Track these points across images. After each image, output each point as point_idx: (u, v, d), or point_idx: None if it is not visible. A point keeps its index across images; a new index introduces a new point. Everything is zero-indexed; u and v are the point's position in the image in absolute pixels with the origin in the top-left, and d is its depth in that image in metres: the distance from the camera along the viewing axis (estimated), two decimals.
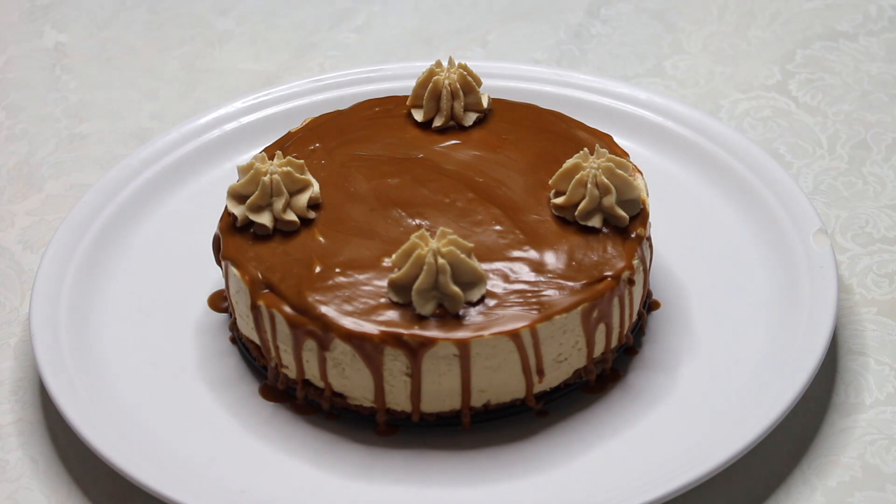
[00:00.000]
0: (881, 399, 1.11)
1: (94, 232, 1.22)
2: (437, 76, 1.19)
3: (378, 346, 1.04)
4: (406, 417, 1.08)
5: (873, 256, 1.23)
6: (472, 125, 1.19)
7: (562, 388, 1.10)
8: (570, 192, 1.11)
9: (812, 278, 1.15)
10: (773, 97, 1.39)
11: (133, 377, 1.12)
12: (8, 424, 1.12)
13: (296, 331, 1.06)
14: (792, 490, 1.05)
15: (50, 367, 1.10)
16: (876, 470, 1.06)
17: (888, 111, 1.37)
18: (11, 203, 1.30)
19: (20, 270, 1.24)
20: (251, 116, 1.32)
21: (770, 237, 1.20)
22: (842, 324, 1.16)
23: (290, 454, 1.07)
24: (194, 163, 1.28)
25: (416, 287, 1.04)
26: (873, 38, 1.46)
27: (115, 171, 1.26)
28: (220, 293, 1.18)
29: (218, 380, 1.12)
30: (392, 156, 1.17)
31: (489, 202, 1.12)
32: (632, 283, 1.09)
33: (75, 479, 1.08)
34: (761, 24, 1.48)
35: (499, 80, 1.30)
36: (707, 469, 1.02)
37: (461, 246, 1.05)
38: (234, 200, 1.12)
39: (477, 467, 1.06)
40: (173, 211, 1.25)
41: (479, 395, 1.07)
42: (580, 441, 1.07)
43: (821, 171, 1.31)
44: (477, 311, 1.05)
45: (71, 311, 1.15)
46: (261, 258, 1.09)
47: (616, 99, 1.32)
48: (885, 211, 1.26)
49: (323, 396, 1.09)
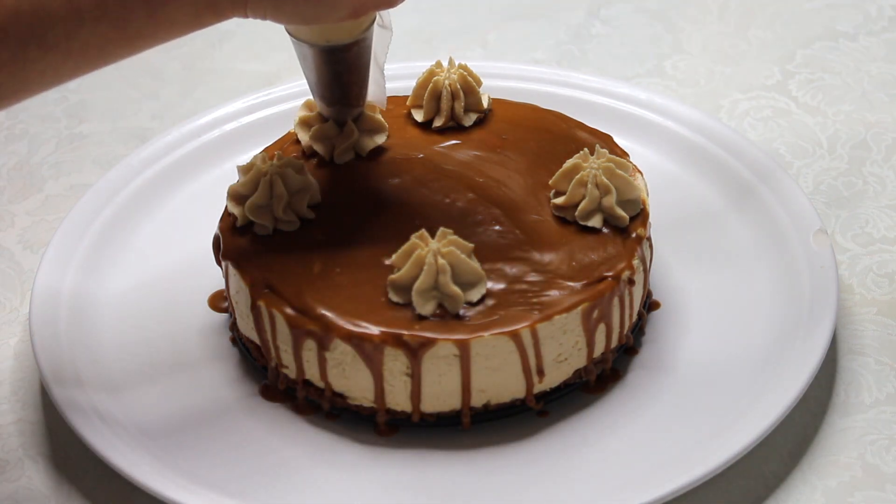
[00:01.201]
0: (881, 399, 1.11)
1: (94, 232, 1.22)
2: (437, 76, 1.19)
3: (378, 346, 1.04)
4: (406, 417, 1.08)
5: (873, 256, 1.23)
6: (472, 125, 1.20)
7: (562, 388, 1.09)
8: (570, 192, 1.11)
9: (812, 278, 1.15)
10: (773, 97, 1.39)
11: (133, 377, 1.12)
12: (8, 424, 1.12)
13: (296, 331, 1.06)
14: (792, 490, 1.05)
15: (50, 367, 1.10)
16: (876, 470, 1.06)
17: (888, 111, 1.37)
18: (11, 203, 1.30)
19: (20, 270, 1.24)
20: (251, 116, 1.32)
21: (770, 237, 1.20)
22: (842, 324, 1.16)
23: (290, 454, 1.07)
24: (194, 163, 1.28)
25: (416, 287, 1.04)
26: (873, 38, 1.46)
27: (115, 171, 1.26)
28: (220, 293, 1.18)
29: (218, 380, 1.12)
30: (392, 156, 1.17)
31: (489, 202, 1.12)
32: (632, 283, 1.09)
33: (75, 479, 1.08)
34: (761, 24, 1.48)
35: (499, 80, 1.30)
36: (707, 469, 1.02)
37: (461, 246, 1.05)
38: (234, 200, 1.12)
39: (477, 467, 1.06)
40: (173, 211, 1.25)
41: (479, 395, 1.07)
42: (580, 441, 1.07)
43: (821, 171, 1.31)
44: (477, 311, 1.05)
45: (71, 311, 1.15)
46: (261, 258, 1.09)
47: (616, 99, 1.32)
48: (885, 211, 1.26)
49: (323, 396, 1.09)
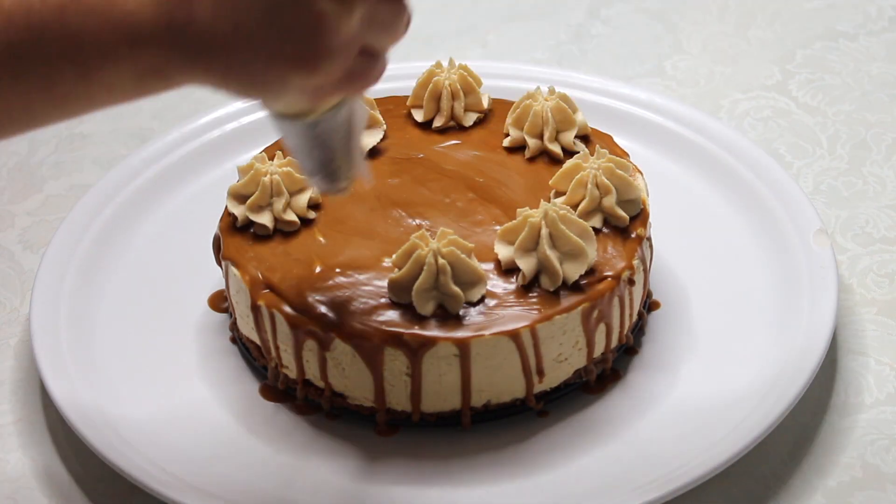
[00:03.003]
0: (881, 399, 1.11)
1: (94, 232, 1.22)
2: (437, 76, 1.19)
3: (378, 346, 1.04)
4: (406, 417, 1.08)
5: (873, 256, 1.23)
6: (472, 125, 1.20)
7: (562, 388, 1.09)
8: (570, 192, 1.11)
9: (812, 278, 1.15)
10: (773, 97, 1.39)
11: (133, 377, 1.12)
12: (8, 424, 1.12)
13: (296, 331, 1.06)
14: (792, 490, 1.05)
15: (50, 367, 1.10)
16: (876, 470, 1.06)
17: (888, 111, 1.37)
18: (11, 203, 1.30)
19: (20, 270, 1.24)
20: (251, 116, 1.32)
21: (770, 237, 1.20)
22: (842, 324, 1.16)
23: (290, 454, 1.07)
24: (194, 163, 1.28)
25: (417, 287, 1.04)
26: (873, 38, 1.46)
27: (115, 171, 1.26)
28: (220, 293, 1.18)
29: (218, 380, 1.12)
30: (392, 156, 1.17)
31: (489, 202, 1.12)
32: (632, 283, 1.09)
33: (75, 479, 1.08)
34: (761, 24, 1.48)
35: (499, 80, 1.30)
36: (707, 469, 1.02)
37: (461, 246, 1.05)
38: (234, 200, 1.12)
39: (477, 467, 1.06)
40: (173, 211, 1.25)
41: (480, 395, 1.07)
42: (580, 441, 1.07)
43: (821, 171, 1.31)
44: (477, 311, 1.05)
45: (71, 311, 1.15)
46: (261, 258, 1.09)
47: (616, 99, 1.32)
48: (885, 211, 1.26)
49: (323, 396, 1.09)
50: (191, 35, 0.85)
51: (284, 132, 0.99)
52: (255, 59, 0.86)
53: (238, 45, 0.86)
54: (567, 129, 1.16)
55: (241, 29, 0.85)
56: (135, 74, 0.87)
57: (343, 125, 0.98)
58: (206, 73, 0.87)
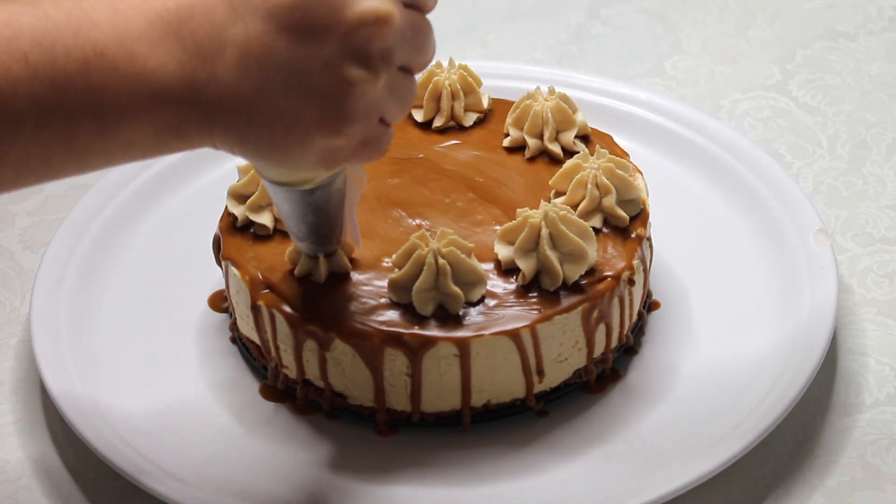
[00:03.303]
0: (881, 399, 1.11)
1: (94, 232, 1.22)
2: (437, 76, 1.19)
3: (378, 346, 1.04)
4: (406, 417, 1.08)
5: (873, 256, 1.23)
6: (472, 125, 1.20)
7: (562, 388, 1.09)
8: (570, 192, 1.11)
9: (812, 278, 1.15)
10: (773, 97, 1.39)
11: (133, 377, 1.12)
12: (8, 424, 1.12)
13: (296, 331, 1.06)
14: (792, 490, 1.05)
15: (50, 367, 1.10)
16: (876, 470, 1.06)
17: (888, 111, 1.37)
18: (11, 203, 1.30)
19: (20, 270, 1.24)
20: None
21: (770, 237, 1.20)
22: (842, 324, 1.16)
23: (290, 454, 1.07)
24: (194, 163, 1.28)
25: (417, 287, 1.04)
26: (873, 38, 1.46)
27: (115, 172, 1.26)
28: (220, 293, 1.18)
29: (218, 380, 1.12)
30: (392, 156, 1.17)
31: (489, 202, 1.12)
32: (632, 283, 1.09)
33: (75, 479, 1.08)
34: (761, 24, 1.48)
35: (499, 80, 1.30)
36: (707, 469, 1.02)
37: (461, 246, 1.05)
38: (234, 200, 1.12)
39: (477, 467, 1.06)
40: (173, 211, 1.25)
41: (480, 395, 1.07)
42: (580, 441, 1.07)
43: (821, 171, 1.31)
44: (477, 311, 1.05)
45: (71, 311, 1.15)
46: (261, 258, 1.09)
47: (616, 99, 1.32)
48: (885, 211, 1.26)
49: (323, 396, 1.09)
50: (213, 94, 0.85)
51: (278, 198, 0.99)
52: (278, 121, 0.86)
53: (261, 106, 0.85)
54: (567, 129, 1.16)
55: (265, 90, 0.85)
56: (154, 131, 0.86)
57: (338, 192, 1.00)
58: (226, 132, 0.87)
